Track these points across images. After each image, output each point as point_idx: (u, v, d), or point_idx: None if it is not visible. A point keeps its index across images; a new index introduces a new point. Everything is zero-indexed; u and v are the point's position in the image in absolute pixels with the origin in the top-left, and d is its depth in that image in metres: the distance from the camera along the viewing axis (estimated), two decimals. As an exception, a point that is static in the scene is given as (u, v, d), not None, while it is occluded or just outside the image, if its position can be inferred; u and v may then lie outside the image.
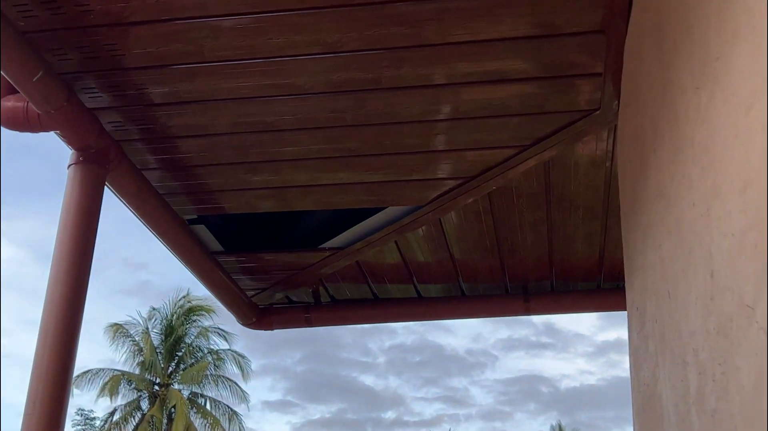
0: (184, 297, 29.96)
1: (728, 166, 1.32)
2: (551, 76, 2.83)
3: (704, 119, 1.47)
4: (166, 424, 28.37)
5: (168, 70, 2.84)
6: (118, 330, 29.17)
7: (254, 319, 4.60)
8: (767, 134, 1.11)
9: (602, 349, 76.14)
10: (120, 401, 28.84)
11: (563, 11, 2.54)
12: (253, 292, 4.52)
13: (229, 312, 4.60)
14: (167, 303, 30.31)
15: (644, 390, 2.34)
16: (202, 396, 29.41)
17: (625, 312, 2.90)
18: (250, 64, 2.81)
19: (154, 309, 30.20)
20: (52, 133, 2.97)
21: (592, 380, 76.48)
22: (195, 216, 3.86)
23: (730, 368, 1.33)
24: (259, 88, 2.92)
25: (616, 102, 2.93)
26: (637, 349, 2.52)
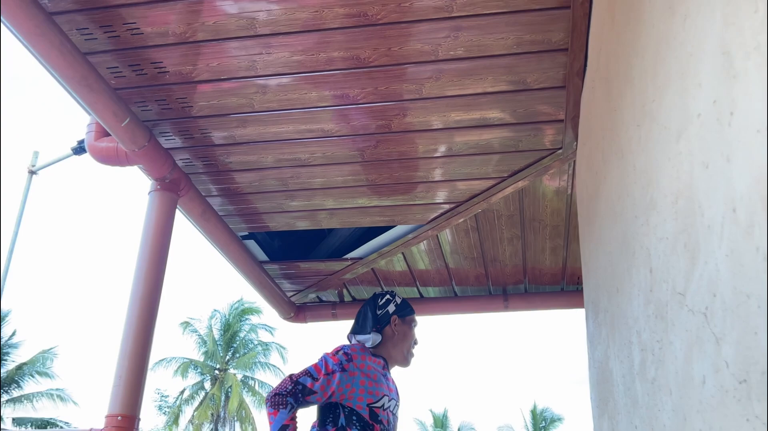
0: (238, 301, 30.03)
1: (662, 184, 1.31)
2: (524, 122, 2.84)
3: (643, 149, 1.47)
4: (224, 401, 28.26)
5: (226, 118, 2.86)
6: (187, 326, 29.20)
7: (292, 314, 4.59)
8: (692, 157, 1.10)
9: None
10: (188, 382, 28.81)
11: (533, 71, 2.55)
12: (291, 293, 4.52)
13: (273, 310, 4.60)
14: (226, 306, 30.39)
15: (599, 367, 2.30)
16: (252, 378, 29.30)
17: (583, 309, 2.88)
18: (290, 114, 2.83)
19: (215, 310, 30.28)
20: (136, 166, 2.99)
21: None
22: (246, 233, 3.87)
23: (665, 344, 1.31)
24: (297, 132, 2.94)
25: (575, 142, 2.92)
26: (592, 335, 2.50)
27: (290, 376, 2.33)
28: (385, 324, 2.57)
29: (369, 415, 2.30)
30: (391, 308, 2.61)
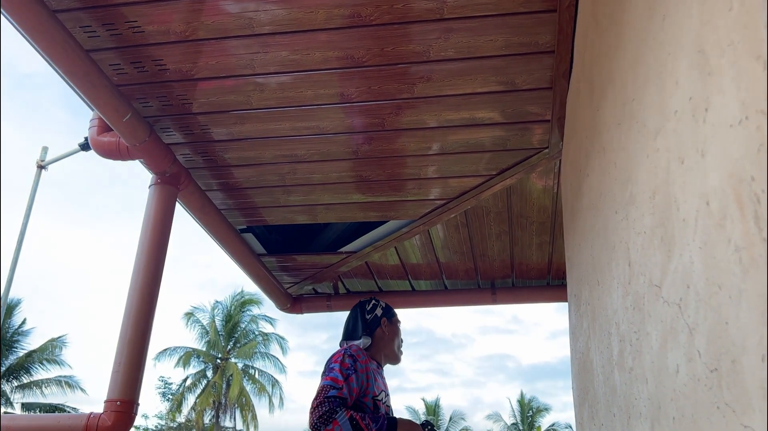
0: (239, 293, 30.00)
1: (641, 180, 1.29)
2: (512, 122, 2.82)
3: (624, 147, 1.45)
4: (225, 388, 28.23)
5: (225, 115, 2.83)
6: (190, 317, 29.16)
7: (289, 305, 4.57)
8: (669, 153, 1.09)
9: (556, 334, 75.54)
10: (191, 371, 28.78)
11: (521, 73, 2.53)
12: (288, 285, 4.50)
13: (270, 301, 4.58)
14: (227, 297, 30.36)
15: (580, 358, 2.29)
16: (252, 367, 29.27)
17: (567, 302, 2.87)
18: (287, 111, 2.80)
19: (217, 301, 30.26)
20: (137, 161, 2.97)
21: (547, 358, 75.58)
22: (245, 227, 3.85)
23: (642, 334, 1.30)
24: (294, 129, 2.92)
25: (561, 141, 2.90)
26: (574, 326, 2.49)
27: (317, 402, 2.26)
28: (376, 326, 2.66)
29: (373, 407, 2.42)
30: (379, 311, 2.71)
